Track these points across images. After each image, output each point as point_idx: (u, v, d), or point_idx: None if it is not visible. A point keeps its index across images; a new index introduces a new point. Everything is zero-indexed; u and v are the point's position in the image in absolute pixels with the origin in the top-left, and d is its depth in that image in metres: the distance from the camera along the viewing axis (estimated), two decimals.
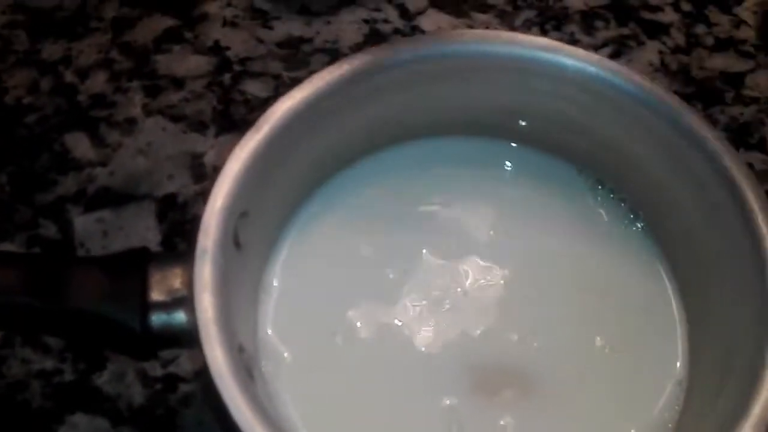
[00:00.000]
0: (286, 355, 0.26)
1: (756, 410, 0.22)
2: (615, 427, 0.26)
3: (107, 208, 0.34)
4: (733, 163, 0.26)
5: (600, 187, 0.30)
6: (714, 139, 0.26)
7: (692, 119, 0.27)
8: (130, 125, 0.37)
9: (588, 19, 0.40)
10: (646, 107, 0.27)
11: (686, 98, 0.38)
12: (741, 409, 0.23)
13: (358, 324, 0.27)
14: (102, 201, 0.34)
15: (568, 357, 0.27)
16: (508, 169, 0.31)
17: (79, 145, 0.36)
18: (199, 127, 0.37)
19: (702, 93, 0.39)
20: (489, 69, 0.28)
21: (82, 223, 0.34)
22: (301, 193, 0.29)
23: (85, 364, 0.31)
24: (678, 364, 0.27)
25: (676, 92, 0.38)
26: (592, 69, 0.27)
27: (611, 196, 0.30)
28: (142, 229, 0.34)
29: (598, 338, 0.27)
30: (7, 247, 0.33)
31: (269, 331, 0.27)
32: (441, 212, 0.30)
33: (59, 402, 0.30)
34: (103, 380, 0.30)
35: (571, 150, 0.30)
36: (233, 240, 0.24)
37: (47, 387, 0.30)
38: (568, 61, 0.27)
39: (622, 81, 0.27)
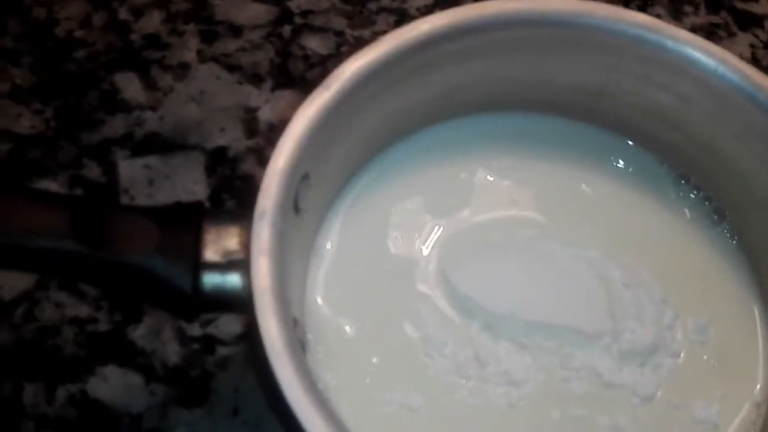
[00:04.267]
0: (334, 326, 0.25)
1: None
2: None
3: (155, 154, 0.33)
4: None
5: (683, 182, 0.28)
6: None
7: None
8: (183, 70, 0.35)
9: (676, 2, 0.38)
10: (752, 102, 0.25)
11: None
12: None
13: (415, 300, 0.25)
14: (150, 147, 0.33)
15: (656, 343, 0.25)
16: (581, 150, 0.28)
17: (130, 86, 0.34)
18: (255, 79, 0.35)
19: None
20: (581, 43, 0.26)
21: (128, 167, 0.32)
22: (360, 160, 0.27)
23: (122, 315, 0.29)
24: (758, 386, 0.25)
25: None
26: (695, 53, 0.25)
27: (695, 192, 0.28)
28: (189, 181, 0.32)
29: (677, 315, 0.25)
30: (49, 185, 0.32)
31: (318, 298, 0.25)
32: (500, 187, 0.28)
33: (92, 351, 0.29)
34: (138, 334, 0.29)
35: (656, 139, 0.28)
36: (293, 204, 0.23)
37: (80, 335, 0.29)
38: (670, 43, 0.25)
39: (727, 70, 0.25)
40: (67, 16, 0.36)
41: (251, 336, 0.21)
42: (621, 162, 0.28)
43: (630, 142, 0.28)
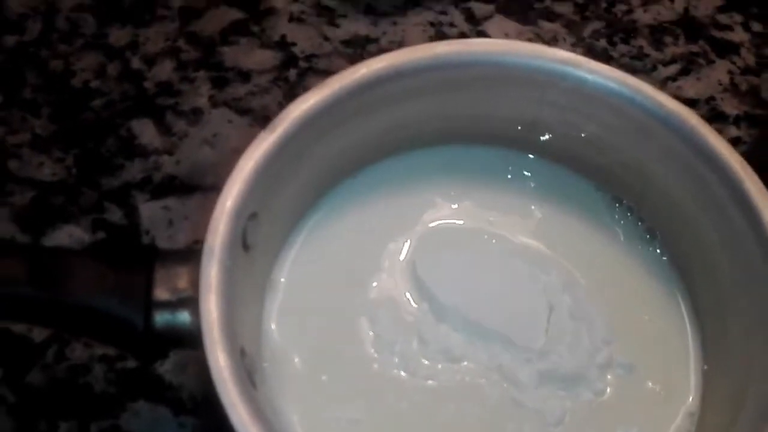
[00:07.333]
0: (287, 351, 0.26)
1: None
2: None
3: (173, 196, 0.34)
4: (754, 188, 0.25)
5: (618, 205, 0.29)
6: (735, 163, 0.25)
7: (714, 141, 0.26)
8: (196, 115, 0.37)
9: (657, 33, 0.40)
10: (666, 127, 0.26)
11: (755, 120, 0.38)
12: None
13: (365, 327, 0.26)
14: (168, 189, 0.34)
15: (580, 375, 0.26)
16: (523, 181, 0.30)
17: (146, 131, 0.36)
18: (265, 121, 0.36)
19: None
20: (508, 80, 0.28)
21: (148, 209, 0.34)
22: (311, 196, 0.28)
23: None
24: (690, 397, 0.26)
25: (745, 113, 0.38)
26: (612, 85, 0.27)
27: (629, 215, 0.29)
28: (207, 221, 0.33)
29: (612, 359, 0.26)
30: (73, 229, 0.33)
31: (273, 325, 0.26)
32: (460, 209, 0.29)
33: (122, 388, 0.30)
34: (165, 369, 0.30)
35: (589, 166, 0.29)
36: (242, 241, 0.24)
37: (110, 372, 0.30)
38: (589, 76, 0.27)
39: (642, 98, 0.26)
40: (82, 68, 0.38)
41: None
42: (562, 189, 0.30)
43: (567, 170, 0.30)
